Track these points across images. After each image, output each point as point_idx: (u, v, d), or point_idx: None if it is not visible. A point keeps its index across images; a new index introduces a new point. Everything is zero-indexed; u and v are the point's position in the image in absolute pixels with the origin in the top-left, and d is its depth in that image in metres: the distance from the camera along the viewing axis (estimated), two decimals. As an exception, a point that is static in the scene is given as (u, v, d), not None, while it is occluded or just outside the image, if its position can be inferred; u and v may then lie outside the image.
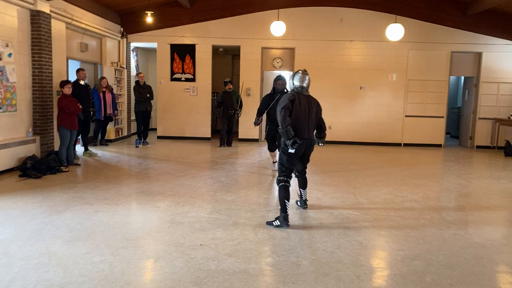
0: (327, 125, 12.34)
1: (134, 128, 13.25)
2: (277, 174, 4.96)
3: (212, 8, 12.11)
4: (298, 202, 5.59)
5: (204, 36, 12.27)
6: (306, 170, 5.45)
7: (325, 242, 4.31)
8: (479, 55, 12.02)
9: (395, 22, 10.06)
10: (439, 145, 12.34)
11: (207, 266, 3.65)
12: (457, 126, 14.31)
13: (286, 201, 4.72)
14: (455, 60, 12.11)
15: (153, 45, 12.98)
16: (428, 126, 12.27)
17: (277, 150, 7.45)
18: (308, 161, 5.28)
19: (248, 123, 12.13)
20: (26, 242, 4.10)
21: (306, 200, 5.53)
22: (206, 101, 12.56)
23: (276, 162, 7.54)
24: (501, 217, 5.51)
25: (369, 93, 12.24)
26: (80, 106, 8.03)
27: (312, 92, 12.93)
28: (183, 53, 12.41)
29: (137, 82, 10.93)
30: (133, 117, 13.10)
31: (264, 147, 11.53)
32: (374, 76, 12.17)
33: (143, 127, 11.02)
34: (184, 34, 12.31)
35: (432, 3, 11.63)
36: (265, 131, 7.76)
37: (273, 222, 4.74)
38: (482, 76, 12.04)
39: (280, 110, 4.68)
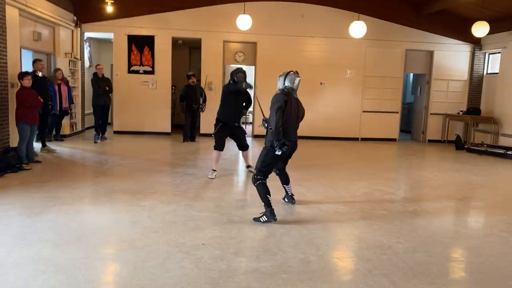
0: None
1: (88, 123, 12.65)
2: (254, 172, 4.87)
3: (172, -2, 11.78)
4: (286, 199, 5.55)
5: (163, 28, 11.90)
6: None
7: (325, 237, 4.34)
8: (431, 54, 12.61)
9: (358, 20, 10.30)
10: (394, 139, 12.85)
11: (218, 266, 3.55)
12: (406, 121, 14.96)
13: (268, 196, 4.67)
14: (409, 58, 12.62)
15: (108, 35, 12.42)
16: (384, 121, 12.72)
17: (244, 151, 7.29)
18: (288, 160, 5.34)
19: (211, 118, 11.91)
20: (12, 248, 3.77)
21: (292, 195, 5.53)
22: (166, 95, 12.22)
23: (250, 166, 7.28)
24: (478, 206, 5.82)
25: (329, 89, 12.48)
26: (42, 100, 7.51)
27: (275, 88, 12.91)
28: (141, 45, 11.97)
29: (95, 74, 10.40)
30: (87, 110, 12.50)
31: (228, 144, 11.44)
32: (334, 72, 12.42)
33: (102, 121, 10.52)
34: (142, 25, 11.86)
35: (389, 2, 12.04)
36: (217, 127, 6.90)
37: (260, 219, 4.68)
38: (434, 74, 12.65)
39: (276, 110, 4.63)
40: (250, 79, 13.81)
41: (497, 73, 12.07)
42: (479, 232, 4.81)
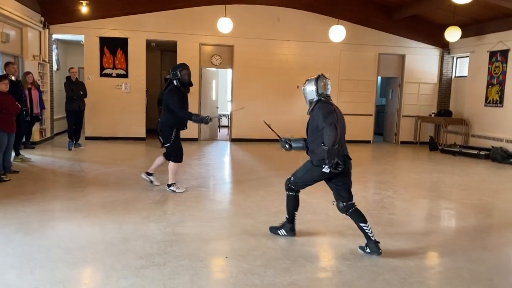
0: (265, 124, 12.44)
1: (57, 128, 12.07)
2: (289, 179, 4.32)
3: (146, 0, 11.44)
4: (367, 248, 4.04)
5: (137, 30, 11.53)
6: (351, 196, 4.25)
7: (346, 245, 4.28)
8: (403, 57, 12.94)
9: (338, 24, 10.40)
10: (368, 141, 13.08)
11: (251, 281, 3.40)
12: (377, 123, 15.26)
13: (295, 212, 4.36)
14: (382, 62, 12.89)
15: (76, 37, 11.91)
16: (358, 123, 12.91)
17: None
18: (350, 182, 4.24)
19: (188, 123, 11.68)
20: (22, 270, 3.45)
21: (377, 242, 4.02)
22: (140, 99, 11.84)
23: (173, 184, 6.12)
24: (482, 206, 5.98)
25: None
26: (19, 106, 7.04)
27: (252, 91, 12.92)
28: (114, 47, 11.54)
29: (68, 78, 9.89)
30: (56, 115, 11.93)
31: (208, 148, 11.28)
32: (310, 75, 12.30)
33: (76, 127, 10.04)
34: (115, 27, 11.43)
35: (363, 7, 12.25)
36: (171, 137, 5.99)
37: (279, 231, 4.38)
38: (405, 77, 12.99)
39: (331, 124, 3.83)
40: (227, 82, 13.80)
41: (464, 76, 12.55)
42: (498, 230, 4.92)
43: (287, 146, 4.45)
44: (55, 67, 12.03)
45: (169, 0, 11.52)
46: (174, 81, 5.86)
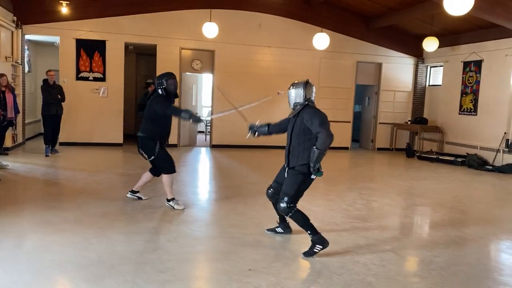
0: (246, 129, 12.39)
1: (28, 133, 11.53)
2: (285, 202, 4.13)
3: (125, 2, 11.15)
4: (279, 229, 4.71)
5: (115, 32, 11.19)
6: None
7: (364, 253, 4.26)
8: (379, 66, 13.21)
9: (321, 32, 10.50)
10: (346, 148, 13.24)
11: (284, 294, 3.32)
12: (353, 129, 15.48)
13: (310, 221, 4.21)
14: (360, 69, 13.11)
15: (49, 38, 11.43)
16: (337, 130, 12.92)
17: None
18: None
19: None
20: (39, 289, 3.22)
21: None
22: (118, 103, 11.47)
23: (173, 199, 5.61)
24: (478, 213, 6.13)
25: (286, 99, 12.47)
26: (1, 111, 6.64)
27: (233, 96, 12.80)
28: (91, 50, 11.14)
29: (45, 81, 9.45)
30: (28, 119, 11.38)
31: (190, 155, 11.07)
32: (290, 82, 12.28)
33: (53, 133, 9.60)
34: (92, 29, 11.05)
35: (342, 16, 12.43)
36: (157, 146, 5.42)
37: (314, 249, 4.08)
38: (382, 85, 13.27)
39: (328, 130, 4.07)
40: (208, 87, 13.60)
41: (438, 85, 12.97)
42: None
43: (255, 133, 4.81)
44: (26, 69, 11.47)
45: (149, 2, 11.27)
46: (159, 90, 5.35)
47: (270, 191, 4.60)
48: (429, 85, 13.47)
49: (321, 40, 10.45)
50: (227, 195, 6.62)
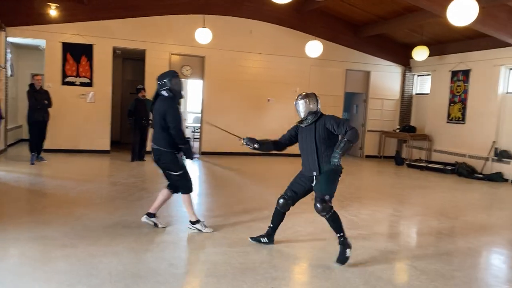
0: (236, 137, 12.23)
1: (10, 139, 11.09)
2: (327, 201, 4.20)
3: (114, 6, 10.86)
4: (266, 238, 4.66)
5: (103, 36, 10.89)
6: None
7: (384, 269, 4.18)
8: (368, 74, 13.29)
9: (315, 40, 10.48)
10: (335, 155, 13.20)
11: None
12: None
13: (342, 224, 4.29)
14: (349, 77, 13.15)
15: (34, 41, 11.04)
16: (326, 137, 13.01)
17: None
18: None
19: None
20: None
21: None
22: (105, 109, 11.15)
23: (199, 221, 5.04)
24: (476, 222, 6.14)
25: (276, 106, 12.47)
26: (-9, 117, 6.31)
27: (223, 103, 12.72)
28: (78, 54, 10.80)
29: (31, 86, 9.09)
30: (10, 125, 10.95)
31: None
32: (280, 89, 12.44)
33: (39, 140, 9.23)
34: (79, 32, 10.73)
35: (331, 24, 12.44)
36: (180, 161, 4.91)
37: (346, 255, 4.15)
38: (370, 93, 13.34)
39: (352, 126, 4.23)
40: (198, 94, 13.36)
41: (425, 94, 13.13)
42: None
43: (255, 145, 4.69)
44: (9, 73, 11.04)
45: (138, 7, 11.01)
46: (164, 92, 4.75)
47: (282, 200, 4.53)
48: (416, 94, 13.61)
49: (314, 47, 10.42)
50: (239, 206, 6.45)
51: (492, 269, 4.52)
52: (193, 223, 5.01)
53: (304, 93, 4.58)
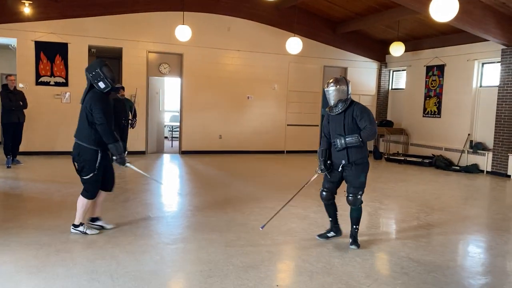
0: (217, 135, 12.17)
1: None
2: (360, 195, 4.48)
3: (88, 3, 10.60)
4: (332, 232, 4.84)
5: (78, 35, 10.61)
6: None
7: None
8: (345, 70, 13.44)
9: (294, 36, 10.51)
10: (315, 151, 13.32)
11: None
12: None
13: None
14: (326, 74, 13.25)
15: (4, 40, 10.66)
16: (306, 134, 13.13)
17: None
18: None
19: (138, 134, 11.03)
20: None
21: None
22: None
23: (82, 225, 4.71)
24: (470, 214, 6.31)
25: (256, 103, 12.46)
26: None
27: (202, 101, 12.64)
28: (52, 53, 10.49)
29: (4, 86, 8.78)
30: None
31: (165, 162, 10.71)
32: (260, 86, 12.45)
33: (14, 142, 8.92)
34: (53, 31, 10.41)
35: (309, 20, 12.50)
36: (95, 162, 4.56)
37: (358, 242, 4.57)
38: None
39: (376, 128, 4.35)
40: (176, 91, 13.14)
41: (401, 89, 13.40)
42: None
43: (328, 164, 4.59)
44: (-23, 73, 10.63)
45: (114, 4, 10.78)
46: (101, 83, 4.44)
47: (324, 193, 4.65)
48: (392, 89, 13.87)
49: (294, 44, 10.44)
50: (220, 204, 6.41)
51: (480, 257, 4.65)
52: (76, 226, 4.70)
53: (334, 79, 4.43)
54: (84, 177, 4.59)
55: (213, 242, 4.62)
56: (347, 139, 4.31)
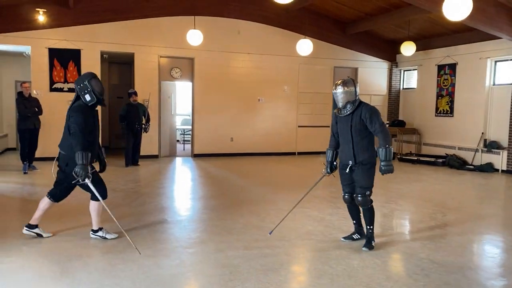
0: (229, 137, 12.21)
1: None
2: (368, 195, 4.48)
3: (101, 9, 10.69)
4: (357, 235, 4.84)
5: (91, 41, 10.71)
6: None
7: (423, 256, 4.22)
8: (356, 70, 13.40)
9: (305, 38, 10.53)
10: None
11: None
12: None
13: None
14: (337, 74, 13.23)
15: (19, 48, 10.80)
16: (317, 135, 13.09)
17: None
18: None
19: (146, 138, 11.08)
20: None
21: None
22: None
23: (101, 229, 4.82)
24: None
25: (267, 105, 12.48)
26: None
27: (214, 104, 12.69)
28: (65, 59, 10.60)
29: (20, 93, 8.91)
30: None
31: (179, 165, 10.76)
32: (270, 88, 12.47)
33: (30, 148, 9.03)
34: (66, 38, 10.53)
35: (318, 22, 12.51)
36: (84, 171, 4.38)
37: (372, 244, 4.55)
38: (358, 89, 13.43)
39: (387, 129, 4.38)
40: (187, 95, 13.18)
41: (412, 88, 13.33)
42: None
43: (334, 165, 4.72)
44: (-8, 80, 10.79)
45: (125, 10, 10.87)
46: (87, 96, 4.43)
47: (347, 196, 4.64)
48: (403, 89, 13.80)
49: (305, 46, 10.46)
50: (235, 207, 6.43)
51: (501, 258, 4.61)
52: (95, 231, 4.79)
53: (342, 81, 4.48)
54: (85, 184, 4.53)
55: (231, 245, 4.64)
56: (386, 159, 4.32)
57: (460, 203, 7.02)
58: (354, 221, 4.82)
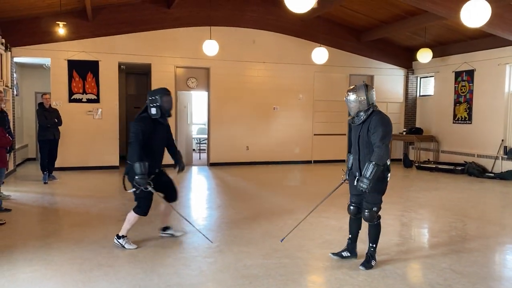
0: (244, 146, 12.20)
1: (18, 159, 11.01)
2: (375, 211, 4.18)
3: (118, 21, 10.87)
4: (346, 253, 4.53)
5: (108, 52, 10.90)
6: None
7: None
8: (371, 78, 13.35)
9: (320, 47, 10.54)
10: (343, 161, 13.20)
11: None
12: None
13: None
14: (352, 82, 13.19)
15: (39, 60, 11.03)
16: (333, 143, 13.05)
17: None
18: None
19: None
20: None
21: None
22: (113, 125, 11.13)
23: (124, 237, 4.85)
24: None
25: (282, 114, 12.50)
26: (10, 138, 6.28)
27: (229, 113, 12.75)
28: (83, 71, 10.79)
29: (40, 105, 9.08)
30: (17, 144, 10.86)
31: (195, 175, 10.81)
32: (286, 97, 12.49)
33: (50, 158, 9.18)
34: (84, 49, 10.72)
35: (333, 30, 12.52)
36: (139, 180, 4.54)
37: (371, 263, 4.25)
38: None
39: (387, 145, 3.94)
40: (203, 104, 13.31)
41: (429, 95, 13.21)
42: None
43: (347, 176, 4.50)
44: (14, 92, 11.00)
45: (142, 21, 11.03)
46: (153, 109, 4.67)
47: (352, 207, 4.41)
48: (420, 96, 13.69)
49: (320, 54, 10.48)
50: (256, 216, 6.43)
51: (528, 268, 4.53)
52: (119, 237, 4.85)
53: (353, 87, 4.18)
54: (135, 192, 4.71)
55: (250, 254, 4.64)
56: (366, 176, 3.95)
57: (481, 211, 6.91)
58: (350, 236, 4.51)
